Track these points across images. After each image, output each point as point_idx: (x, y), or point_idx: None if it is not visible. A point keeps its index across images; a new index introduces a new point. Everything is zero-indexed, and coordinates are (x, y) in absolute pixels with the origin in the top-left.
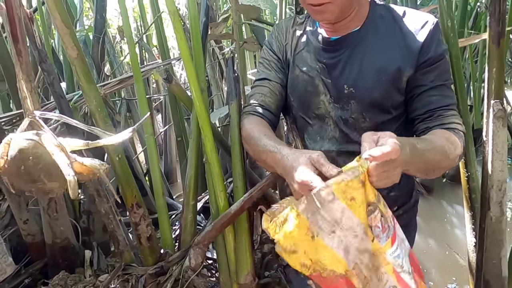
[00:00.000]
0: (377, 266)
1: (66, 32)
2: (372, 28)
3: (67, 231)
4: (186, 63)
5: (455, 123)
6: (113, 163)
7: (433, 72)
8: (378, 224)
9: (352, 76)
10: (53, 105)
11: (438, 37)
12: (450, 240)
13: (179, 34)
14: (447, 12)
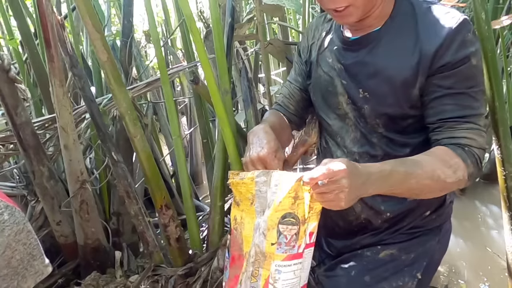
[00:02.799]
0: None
1: (97, 36)
2: (392, 28)
3: (98, 233)
4: (204, 66)
5: (467, 138)
6: (142, 165)
7: (451, 78)
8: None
9: (367, 80)
10: (83, 109)
11: (462, 38)
12: (486, 242)
13: (196, 38)
14: (481, 5)
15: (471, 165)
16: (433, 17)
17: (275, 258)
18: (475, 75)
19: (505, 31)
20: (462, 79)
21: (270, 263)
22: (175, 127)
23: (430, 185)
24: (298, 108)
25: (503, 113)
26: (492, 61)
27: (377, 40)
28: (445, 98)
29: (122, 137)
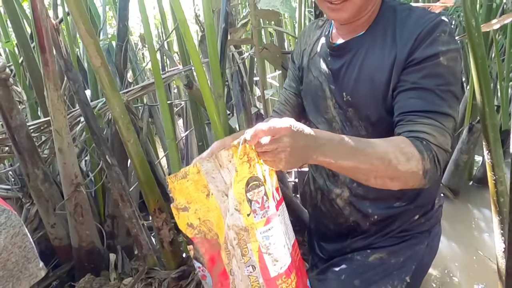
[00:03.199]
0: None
1: (90, 42)
2: (374, 34)
3: (92, 235)
4: (198, 70)
5: (426, 132)
6: (136, 168)
7: (417, 73)
8: (259, 200)
9: (350, 83)
10: (78, 112)
11: (434, 37)
12: (477, 244)
13: (190, 43)
14: (471, 11)
15: (427, 160)
16: (411, 21)
17: (257, 226)
18: (443, 74)
19: (499, 36)
20: (428, 75)
21: (255, 233)
22: (169, 130)
23: (380, 168)
24: (294, 113)
25: (493, 119)
26: (482, 67)
27: (360, 44)
28: (409, 92)
29: (117, 140)
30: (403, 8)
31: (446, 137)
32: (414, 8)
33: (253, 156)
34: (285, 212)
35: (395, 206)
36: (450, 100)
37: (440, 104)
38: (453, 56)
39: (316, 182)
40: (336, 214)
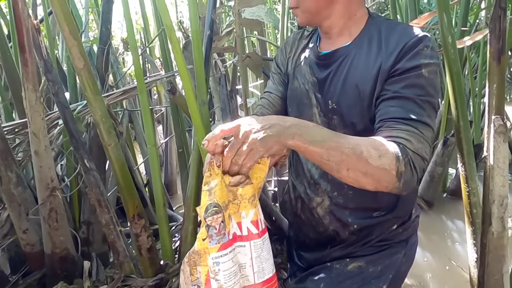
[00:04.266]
0: (196, 263)
1: (74, 43)
2: (360, 44)
3: (66, 242)
4: (183, 76)
5: (403, 138)
6: (115, 173)
7: (399, 83)
8: (216, 226)
9: (336, 92)
10: (56, 115)
11: (417, 50)
12: (451, 255)
13: (176, 48)
14: (447, 29)
15: (402, 163)
16: (396, 33)
17: (210, 251)
18: (424, 85)
19: (472, 55)
20: (409, 85)
21: (206, 257)
22: (151, 136)
23: (351, 158)
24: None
25: (467, 133)
26: (457, 83)
27: (346, 54)
28: (390, 101)
29: (96, 144)
30: (389, 22)
31: (424, 144)
32: (400, 23)
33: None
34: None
35: (374, 216)
36: (429, 110)
37: (420, 113)
38: (434, 69)
39: (297, 191)
40: (316, 223)
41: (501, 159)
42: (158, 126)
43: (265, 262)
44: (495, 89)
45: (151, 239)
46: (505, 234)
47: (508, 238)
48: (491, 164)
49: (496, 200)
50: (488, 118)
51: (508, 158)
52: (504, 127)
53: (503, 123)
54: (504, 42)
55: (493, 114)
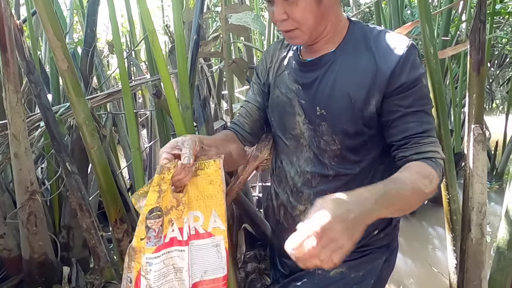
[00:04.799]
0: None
1: (58, 45)
2: (346, 50)
3: (45, 246)
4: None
5: (432, 151)
6: (98, 177)
7: (409, 98)
8: (156, 229)
9: (324, 97)
10: (38, 116)
11: (413, 60)
12: (432, 261)
13: (158, 53)
14: (430, 39)
15: (440, 174)
16: (385, 40)
17: (145, 251)
18: (427, 94)
19: (453, 65)
20: (418, 98)
21: (141, 256)
22: (134, 139)
23: (414, 199)
24: (254, 127)
25: (448, 141)
26: (439, 92)
27: (333, 59)
28: (407, 117)
29: (78, 147)
30: (370, 27)
31: (440, 147)
32: (381, 29)
33: (165, 188)
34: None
35: None
36: (431, 113)
37: (430, 121)
38: (425, 75)
39: (279, 198)
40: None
41: (480, 167)
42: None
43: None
44: (474, 99)
45: None
46: (484, 240)
47: (487, 244)
48: (471, 171)
49: (475, 207)
50: (468, 127)
51: (486, 166)
52: (483, 136)
53: (482, 132)
54: (483, 54)
55: (473, 123)
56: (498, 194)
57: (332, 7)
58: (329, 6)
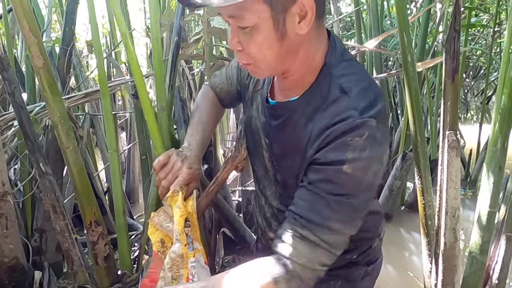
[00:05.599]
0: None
1: (34, 41)
2: (305, 103)
3: (16, 250)
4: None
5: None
6: (73, 178)
7: (317, 174)
8: (191, 235)
9: (277, 148)
10: (12, 115)
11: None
12: (407, 266)
13: (131, 55)
14: (407, 48)
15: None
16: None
17: (189, 256)
18: (344, 184)
19: (430, 75)
20: (326, 180)
21: (188, 262)
22: (112, 140)
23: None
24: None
25: (423, 147)
26: (416, 99)
27: (291, 111)
28: (304, 190)
29: (53, 148)
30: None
31: (319, 253)
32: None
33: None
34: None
35: None
36: (343, 213)
37: (328, 217)
38: (363, 165)
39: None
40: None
41: (453, 173)
42: (121, 132)
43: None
44: (449, 106)
45: (109, 247)
46: (457, 244)
47: (460, 249)
48: (444, 177)
49: (449, 212)
50: (443, 133)
51: (460, 172)
52: (456, 142)
53: (456, 139)
54: (457, 62)
55: (447, 130)
56: (472, 201)
57: (302, 43)
58: (297, 41)
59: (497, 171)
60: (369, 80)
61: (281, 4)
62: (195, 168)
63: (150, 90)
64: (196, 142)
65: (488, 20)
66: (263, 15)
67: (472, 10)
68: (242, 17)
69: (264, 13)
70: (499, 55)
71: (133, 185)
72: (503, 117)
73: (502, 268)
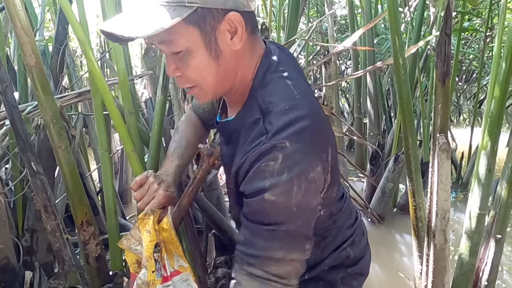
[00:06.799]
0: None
1: (26, 40)
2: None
3: (7, 250)
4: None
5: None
6: (65, 178)
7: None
8: (159, 262)
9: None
10: (3, 114)
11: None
12: (398, 267)
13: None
14: (399, 51)
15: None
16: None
17: (157, 282)
18: (269, 212)
19: (423, 78)
20: (253, 212)
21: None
22: (103, 140)
23: None
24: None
25: (415, 150)
26: (407, 102)
27: (229, 133)
28: (243, 226)
29: (45, 148)
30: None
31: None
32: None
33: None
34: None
35: None
36: (281, 240)
37: (267, 247)
38: (284, 189)
39: None
40: None
41: (444, 175)
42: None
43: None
44: (440, 109)
45: (100, 247)
46: (447, 246)
47: (450, 251)
48: (435, 179)
49: (439, 213)
50: (433, 136)
51: (450, 175)
52: (447, 145)
53: (446, 141)
54: (448, 66)
55: (438, 133)
56: (463, 204)
57: (239, 59)
58: (234, 58)
59: (487, 174)
60: (295, 99)
61: (209, 24)
62: (171, 192)
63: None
64: (173, 168)
65: (480, 25)
66: (193, 38)
67: (464, 14)
68: (173, 42)
69: (194, 36)
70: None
71: (126, 185)
72: (493, 120)
73: (491, 269)
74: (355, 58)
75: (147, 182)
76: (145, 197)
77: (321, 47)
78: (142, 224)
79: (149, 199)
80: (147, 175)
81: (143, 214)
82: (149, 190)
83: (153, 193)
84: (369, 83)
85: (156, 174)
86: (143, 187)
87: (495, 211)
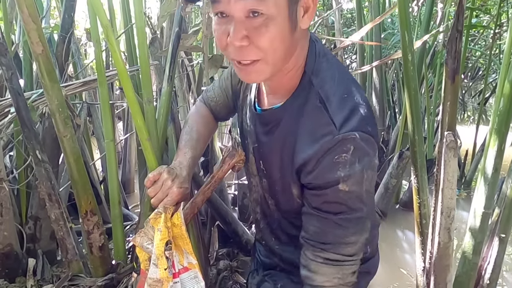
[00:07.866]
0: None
1: (33, 27)
2: (289, 112)
3: (11, 237)
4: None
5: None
6: (69, 167)
7: (318, 198)
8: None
9: (264, 157)
10: (8, 102)
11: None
12: (400, 263)
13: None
14: (408, 47)
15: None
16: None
17: (169, 280)
18: (344, 201)
19: (429, 74)
20: (326, 202)
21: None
22: (109, 130)
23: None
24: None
25: (421, 146)
26: (414, 99)
27: (277, 121)
28: (311, 217)
29: (50, 136)
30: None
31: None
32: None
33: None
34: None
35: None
36: (355, 226)
37: (342, 235)
38: (357, 179)
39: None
40: None
41: (450, 173)
42: (118, 122)
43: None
44: (448, 107)
45: (104, 237)
46: (451, 244)
47: (453, 249)
48: (441, 177)
49: (444, 211)
50: (441, 133)
51: (457, 173)
52: (454, 143)
53: (454, 139)
54: (458, 63)
55: (446, 130)
56: (466, 202)
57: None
58: (298, 36)
59: (493, 173)
60: (348, 84)
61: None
62: (185, 188)
63: None
64: (187, 160)
65: (488, 22)
66: (281, 3)
67: (473, 10)
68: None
69: (282, 1)
70: (498, 56)
71: (129, 175)
72: (501, 119)
73: (494, 268)
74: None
75: (160, 179)
76: (158, 193)
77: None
78: (155, 223)
79: (162, 196)
80: (160, 171)
81: (155, 214)
82: (163, 187)
83: (167, 190)
84: (375, 78)
85: (170, 168)
86: (156, 183)
87: (499, 209)
